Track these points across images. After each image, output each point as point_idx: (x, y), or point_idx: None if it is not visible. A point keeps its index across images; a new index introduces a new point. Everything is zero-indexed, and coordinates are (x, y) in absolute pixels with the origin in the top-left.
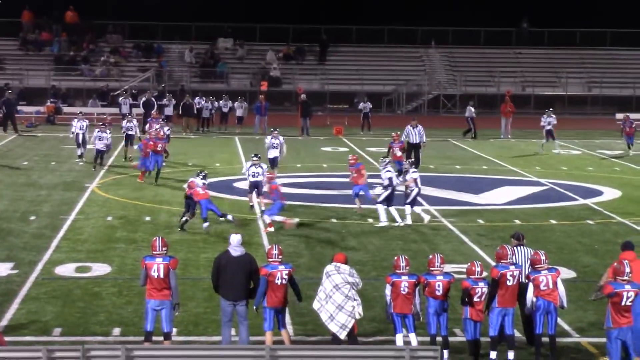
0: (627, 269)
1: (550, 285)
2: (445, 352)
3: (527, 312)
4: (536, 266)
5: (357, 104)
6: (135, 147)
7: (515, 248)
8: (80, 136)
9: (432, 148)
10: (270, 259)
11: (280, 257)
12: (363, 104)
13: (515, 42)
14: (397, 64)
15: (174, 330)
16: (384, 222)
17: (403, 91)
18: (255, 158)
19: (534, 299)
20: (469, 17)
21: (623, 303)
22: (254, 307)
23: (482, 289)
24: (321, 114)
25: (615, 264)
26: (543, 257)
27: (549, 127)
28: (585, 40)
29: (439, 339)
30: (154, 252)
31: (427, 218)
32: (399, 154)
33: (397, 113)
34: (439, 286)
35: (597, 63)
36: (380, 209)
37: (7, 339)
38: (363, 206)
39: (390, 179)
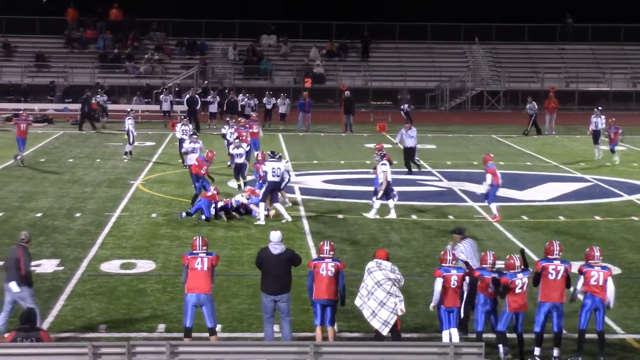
0: None
1: (601, 282)
2: (501, 347)
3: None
4: (589, 261)
5: (400, 102)
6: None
7: (460, 243)
8: (131, 134)
9: (476, 144)
10: (321, 254)
11: (331, 252)
12: (405, 106)
13: (559, 38)
14: (441, 60)
15: (219, 326)
16: (261, 220)
17: (446, 87)
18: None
19: (579, 296)
20: (512, 13)
21: None
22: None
23: (521, 280)
24: (364, 110)
25: None
26: (597, 254)
27: (595, 129)
28: (629, 35)
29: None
30: (194, 252)
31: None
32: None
33: (440, 109)
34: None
35: None
36: (261, 207)
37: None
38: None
39: (266, 172)
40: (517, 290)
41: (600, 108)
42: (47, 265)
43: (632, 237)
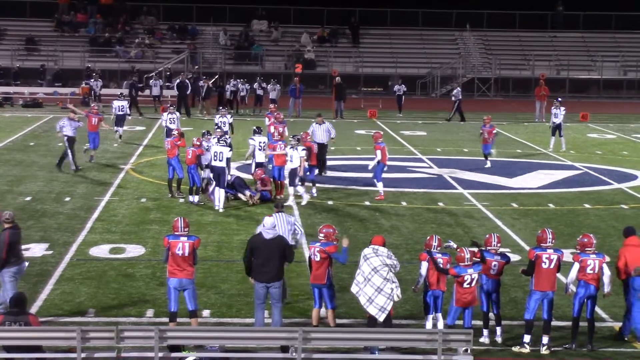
0: None
1: (596, 270)
2: (498, 329)
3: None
4: (586, 249)
5: (391, 87)
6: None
7: (276, 214)
8: (123, 117)
9: (466, 131)
10: (318, 237)
11: (320, 235)
12: (398, 86)
13: (550, 25)
14: (432, 47)
15: (208, 311)
16: (219, 207)
17: (437, 74)
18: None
19: (571, 287)
20: (503, 0)
21: None
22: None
23: (471, 275)
24: (355, 96)
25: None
26: (594, 241)
27: (555, 120)
28: (620, 23)
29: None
30: (176, 233)
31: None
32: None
33: (431, 96)
34: (494, 266)
35: (633, 47)
36: (219, 193)
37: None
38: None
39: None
40: (465, 285)
41: (560, 99)
42: (36, 250)
43: (621, 225)
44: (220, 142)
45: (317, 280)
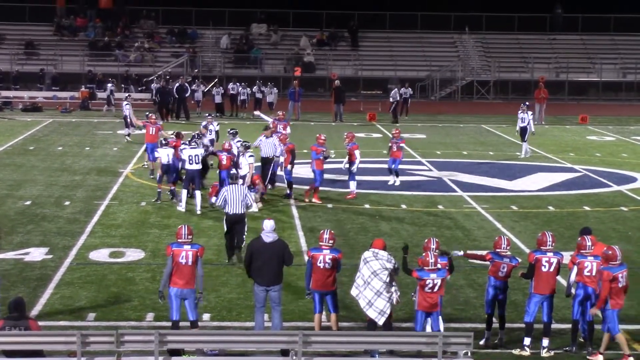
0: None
1: (594, 272)
2: (500, 333)
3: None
4: (582, 251)
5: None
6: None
7: (230, 186)
8: (128, 119)
9: (465, 134)
10: (320, 243)
11: (330, 241)
12: (404, 90)
13: (549, 27)
14: (431, 49)
15: (208, 315)
16: (182, 207)
17: (437, 77)
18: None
19: (572, 288)
20: (502, 2)
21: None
22: (306, 292)
23: (433, 280)
24: (355, 99)
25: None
26: (589, 243)
27: (522, 125)
28: (619, 26)
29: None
30: (179, 240)
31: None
32: None
33: (430, 99)
34: (503, 268)
35: (632, 49)
36: (183, 193)
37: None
38: None
39: (184, 161)
40: (427, 290)
41: (527, 103)
42: (35, 254)
43: (621, 228)
44: (192, 144)
45: (326, 287)
